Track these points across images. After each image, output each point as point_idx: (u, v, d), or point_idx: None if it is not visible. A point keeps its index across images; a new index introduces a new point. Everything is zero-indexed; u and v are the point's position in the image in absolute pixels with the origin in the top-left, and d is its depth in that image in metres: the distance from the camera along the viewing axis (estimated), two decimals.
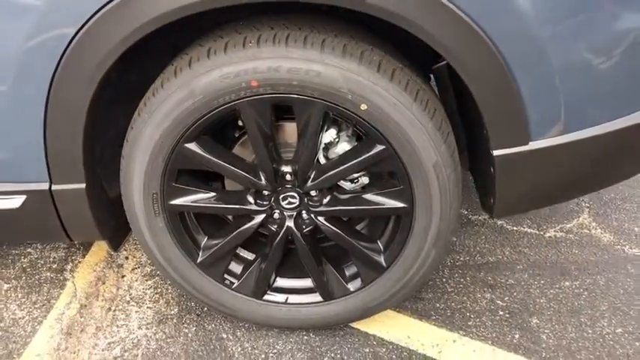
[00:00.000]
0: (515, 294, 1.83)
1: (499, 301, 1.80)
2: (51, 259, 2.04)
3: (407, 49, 1.43)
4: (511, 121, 1.33)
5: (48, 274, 1.98)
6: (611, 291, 1.82)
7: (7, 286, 1.95)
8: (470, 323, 1.74)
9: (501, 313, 1.76)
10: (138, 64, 1.50)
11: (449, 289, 1.85)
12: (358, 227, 1.71)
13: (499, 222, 2.12)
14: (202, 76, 1.31)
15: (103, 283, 1.93)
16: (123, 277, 1.96)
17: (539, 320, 1.73)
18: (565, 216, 2.14)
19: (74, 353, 1.70)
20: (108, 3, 1.22)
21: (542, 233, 2.07)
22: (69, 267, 2.01)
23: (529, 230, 2.08)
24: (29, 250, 2.08)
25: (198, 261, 1.60)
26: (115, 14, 1.23)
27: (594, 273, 1.89)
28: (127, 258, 2.03)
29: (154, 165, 1.44)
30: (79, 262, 2.03)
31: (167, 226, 1.54)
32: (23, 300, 1.89)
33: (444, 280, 1.89)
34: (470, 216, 2.15)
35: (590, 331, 1.69)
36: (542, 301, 1.80)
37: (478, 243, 2.03)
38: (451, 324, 1.74)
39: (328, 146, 1.48)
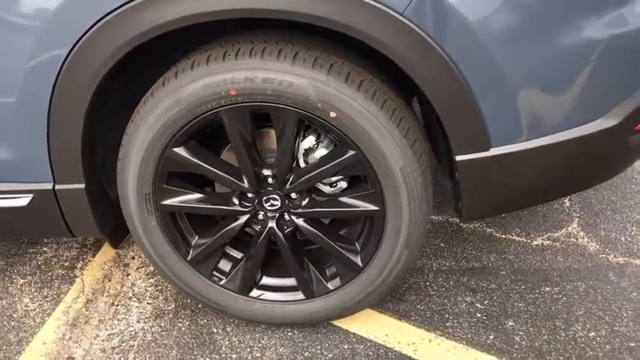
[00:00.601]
0: (495, 298, 1.89)
1: (478, 304, 1.87)
2: (63, 258, 2.19)
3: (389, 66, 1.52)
4: (470, 128, 1.42)
5: (60, 271, 2.14)
6: (590, 297, 1.87)
7: (23, 280, 2.11)
8: (447, 324, 1.81)
9: (479, 315, 1.83)
10: (138, 76, 1.64)
11: (431, 292, 1.93)
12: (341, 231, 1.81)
13: (488, 230, 2.18)
14: (187, 85, 1.44)
15: (109, 280, 2.08)
16: (128, 275, 2.10)
17: (515, 323, 1.79)
18: (554, 225, 2.20)
19: (77, 342, 1.84)
20: (95, 24, 1.37)
21: (529, 241, 2.12)
22: (79, 265, 2.16)
23: (517, 238, 2.14)
24: (45, 248, 2.24)
25: (188, 258, 1.72)
26: (101, 33, 1.37)
27: (575, 280, 1.94)
28: (133, 257, 2.17)
29: (146, 167, 1.57)
30: (89, 260, 2.18)
31: (159, 224, 1.67)
32: (35, 294, 2.04)
33: (428, 283, 1.96)
34: (461, 224, 2.22)
35: (563, 334, 1.75)
36: (520, 305, 1.86)
37: (465, 249, 2.10)
38: (429, 324, 1.81)
39: (308, 152, 1.59)
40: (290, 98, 1.42)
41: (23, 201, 1.66)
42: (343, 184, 1.64)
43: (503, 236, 2.15)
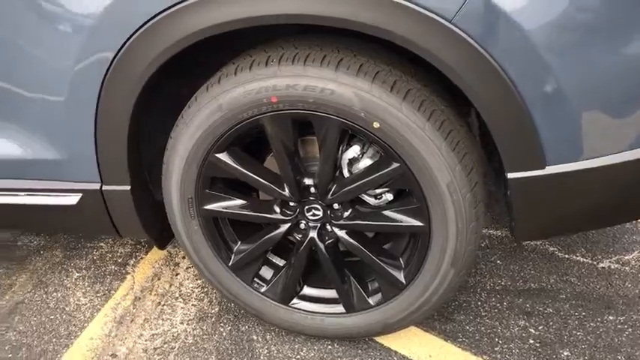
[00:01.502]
0: (551, 324, 1.76)
1: (532, 330, 1.75)
2: (118, 254, 2.24)
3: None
4: (524, 145, 1.31)
5: (113, 267, 2.18)
6: None
7: (78, 274, 2.16)
8: (496, 349, 1.70)
9: (532, 341, 1.71)
10: (189, 79, 1.63)
11: (482, 313, 1.82)
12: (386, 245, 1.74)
13: (551, 248, 2.05)
14: (229, 91, 1.42)
15: (159, 279, 2.10)
16: (177, 274, 2.11)
17: (571, 353, 1.66)
18: (625, 247, 2.03)
19: (121, 341, 1.86)
20: (142, 26, 1.36)
21: (595, 263, 1.97)
22: (132, 262, 2.19)
23: (582, 259, 1.99)
24: (101, 244, 2.29)
25: (230, 264, 1.71)
26: (147, 35, 1.36)
27: None
28: (183, 257, 2.19)
29: (189, 172, 1.56)
30: (142, 257, 2.21)
31: (201, 228, 1.66)
32: (88, 288, 2.09)
33: (480, 303, 1.86)
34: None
35: None
36: (578, 333, 1.72)
37: (524, 268, 1.98)
38: (476, 347, 1.71)
39: (352, 162, 1.53)
40: (332, 107, 1.36)
41: (73, 199, 1.68)
42: (389, 197, 1.57)
43: (567, 256, 2.01)
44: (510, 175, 1.36)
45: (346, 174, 1.54)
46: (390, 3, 1.22)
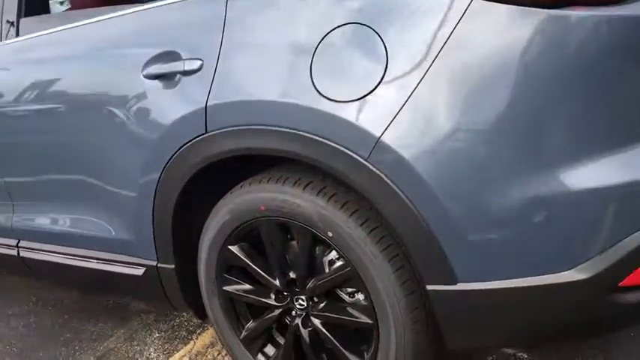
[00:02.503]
0: None
1: None
2: (191, 323, 2.75)
3: None
4: (435, 262, 1.57)
5: (184, 332, 2.69)
6: None
7: (157, 335, 2.70)
8: None
9: None
10: (222, 180, 2.10)
11: None
12: None
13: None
14: (236, 199, 1.90)
15: (212, 347, 2.55)
16: None
17: None
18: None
19: None
20: (180, 148, 1.91)
21: None
22: (198, 331, 2.68)
23: None
24: (184, 314, 2.83)
25: (240, 337, 2.11)
26: (183, 154, 1.90)
27: None
28: None
29: (211, 257, 2.04)
30: (207, 329, 2.69)
31: (221, 305, 2.10)
32: (159, 347, 2.61)
33: None
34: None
35: None
36: None
37: None
38: None
39: (330, 263, 1.89)
40: (300, 217, 1.77)
41: (139, 271, 2.24)
42: (360, 296, 1.88)
43: None
44: (429, 287, 1.62)
45: (326, 271, 1.89)
46: (328, 146, 1.61)
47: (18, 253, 2.66)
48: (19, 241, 2.65)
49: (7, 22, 2.43)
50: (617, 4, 1.40)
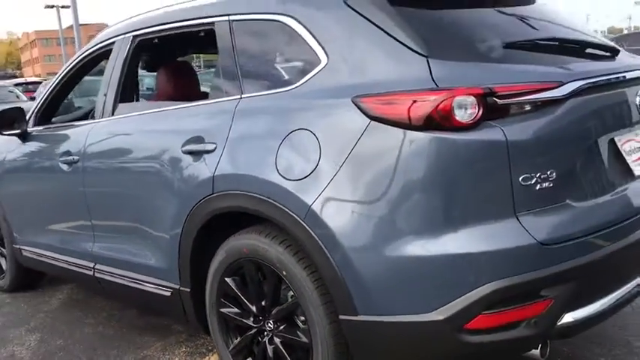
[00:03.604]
0: None
1: None
2: (211, 344, 3.46)
3: None
4: (344, 296, 2.22)
5: (204, 350, 3.41)
6: None
7: (185, 349, 3.45)
8: None
9: None
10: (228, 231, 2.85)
11: None
12: None
13: None
14: (231, 243, 2.65)
15: None
16: None
17: None
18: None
19: None
20: (197, 203, 2.71)
21: None
22: (215, 350, 3.40)
23: None
24: (208, 336, 3.56)
25: (229, 349, 2.80)
26: (198, 207, 2.70)
27: None
28: None
29: (213, 285, 2.78)
30: None
31: (218, 323, 2.82)
32: (183, 358, 3.35)
33: None
34: None
35: None
36: None
37: None
38: None
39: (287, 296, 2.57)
40: (267, 259, 2.49)
41: (167, 293, 3.03)
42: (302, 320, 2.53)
43: None
44: (341, 317, 2.26)
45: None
46: (282, 209, 2.34)
47: (94, 274, 3.57)
48: (95, 264, 3.55)
49: (109, 105, 3.42)
50: (467, 130, 2.05)
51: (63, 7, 41.01)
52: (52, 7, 43.39)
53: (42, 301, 4.43)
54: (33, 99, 19.55)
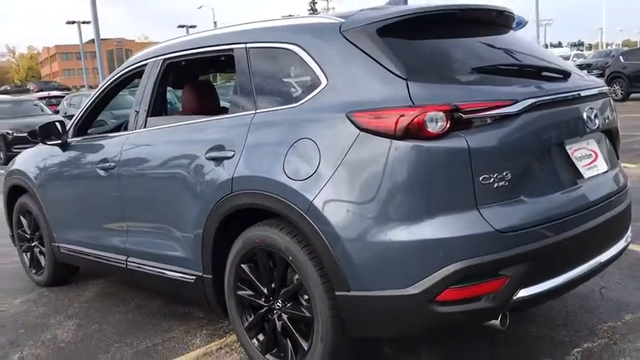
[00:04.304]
0: None
1: None
2: (229, 327, 3.94)
3: None
4: (338, 274, 2.70)
5: (222, 332, 3.89)
6: None
7: (205, 331, 3.93)
8: None
9: None
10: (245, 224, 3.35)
11: None
12: None
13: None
14: (247, 234, 3.15)
15: (239, 342, 3.72)
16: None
17: None
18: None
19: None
20: (216, 203, 3.21)
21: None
22: (232, 332, 3.87)
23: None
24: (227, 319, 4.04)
25: (245, 326, 3.28)
26: (218, 206, 3.20)
27: None
28: None
29: (231, 271, 3.28)
30: None
31: (235, 304, 3.31)
32: (203, 338, 3.83)
33: None
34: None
35: None
36: None
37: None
38: None
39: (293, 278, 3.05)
40: (276, 247, 2.98)
41: (191, 279, 3.53)
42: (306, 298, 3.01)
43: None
44: (336, 293, 2.74)
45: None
46: (289, 205, 2.83)
47: (126, 266, 4.08)
48: (127, 257, 4.06)
49: (141, 119, 3.95)
50: (438, 139, 2.53)
51: (84, 22, 42.15)
52: (73, 22, 44.73)
53: (76, 294, 4.96)
54: (57, 112, 20.30)
